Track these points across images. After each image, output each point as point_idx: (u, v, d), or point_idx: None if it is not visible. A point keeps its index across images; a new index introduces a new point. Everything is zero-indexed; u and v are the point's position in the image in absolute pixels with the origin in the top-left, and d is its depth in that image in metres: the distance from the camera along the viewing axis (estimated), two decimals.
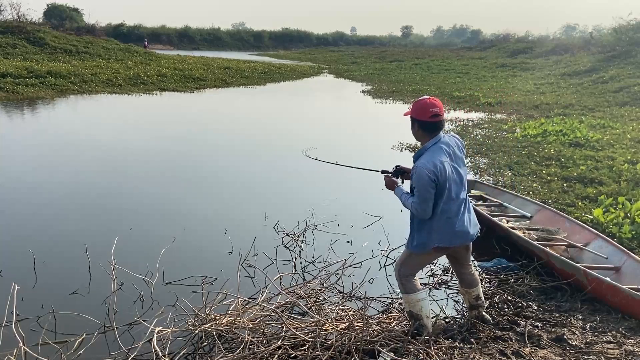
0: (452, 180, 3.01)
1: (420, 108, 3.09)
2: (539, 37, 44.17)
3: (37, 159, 8.39)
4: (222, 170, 8.15)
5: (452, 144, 3.11)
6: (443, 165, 2.97)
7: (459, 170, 3.08)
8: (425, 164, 2.96)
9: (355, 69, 33.73)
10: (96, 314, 3.60)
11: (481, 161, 8.63)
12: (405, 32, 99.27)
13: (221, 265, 4.50)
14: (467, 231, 3.12)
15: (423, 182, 2.94)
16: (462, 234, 3.11)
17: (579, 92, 17.31)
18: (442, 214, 3.02)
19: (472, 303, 3.44)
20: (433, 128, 3.07)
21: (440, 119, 3.05)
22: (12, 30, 24.62)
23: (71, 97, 16.00)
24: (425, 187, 2.94)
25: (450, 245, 3.15)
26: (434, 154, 3.01)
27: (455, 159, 3.08)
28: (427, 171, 2.93)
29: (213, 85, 21.33)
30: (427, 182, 2.93)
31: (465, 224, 3.10)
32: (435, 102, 3.07)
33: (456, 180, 3.05)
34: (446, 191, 2.99)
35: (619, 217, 5.30)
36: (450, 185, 3.00)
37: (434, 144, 3.06)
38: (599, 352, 3.16)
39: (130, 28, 62.45)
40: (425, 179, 2.92)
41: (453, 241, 3.13)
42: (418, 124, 3.12)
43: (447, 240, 3.09)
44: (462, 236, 3.13)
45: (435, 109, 3.04)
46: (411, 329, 3.17)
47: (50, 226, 5.50)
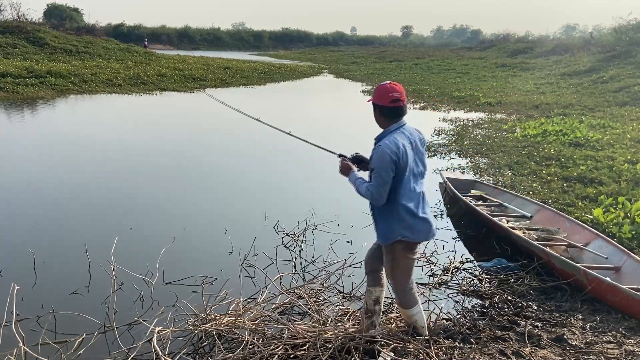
0: (411, 170, 2.93)
1: (380, 93, 2.98)
2: (539, 37, 44.18)
3: (37, 159, 8.39)
4: (222, 170, 8.15)
5: (415, 135, 3.03)
6: (405, 149, 2.88)
7: (419, 163, 3.00)
8: (387, 144, 2.86)
9: (355, 69, 33.72)
10: (96, 314, 3.60)
11: (481, 161, 8.64)
12: (405, 32, 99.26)
13: (221, 265, 4.50)
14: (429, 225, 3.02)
15: (384, 163, 2.83)
16: (424, 230, 3.01)
17: (579, 92, 17.31)
18: (401, 205, 2.92)
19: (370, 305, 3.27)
20: (394, 113, 2.97)
21: (401, 104, 2.96)
22: (12, 30, 24.61)
23: (71, 97, 15.99)
24: (385, 168, 2.83)
25: (414, 239, 3.02)
26: (397, 136, 2.92)
27: (417, 148, 2.99)
28: (389, 151, 2.82)
29: (213, 85, 21.31)
30: (388, 162, 2.82)
31: (426, 217, 3.00)
32: (396, 87, 2.97)
33: (415, 172, 2.96)
34: (405, 178, 2.89)
35: (619, 217, 5.30)
36: (409, 174, 2.91)
37: (397, 129, 2.97)
38: (599, 352, 3.16)
39: (130, 28, 62.45)
40: (387, 158, 2.82)
41: (416, 236, 3.01)
42: (379, 109, 3.00)
43: (409, 232, 2.96)
44: (423, 230, 3.02)
45: (395, 94, 2.94)
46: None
47: (50, 226, 5.50)
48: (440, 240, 5.24)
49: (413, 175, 2.95)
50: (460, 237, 5.45)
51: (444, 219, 6.01)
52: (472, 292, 4.12)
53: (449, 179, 6.74)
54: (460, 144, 10.03)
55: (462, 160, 8.83)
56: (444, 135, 11.05)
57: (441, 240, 5.24)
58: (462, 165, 8.34)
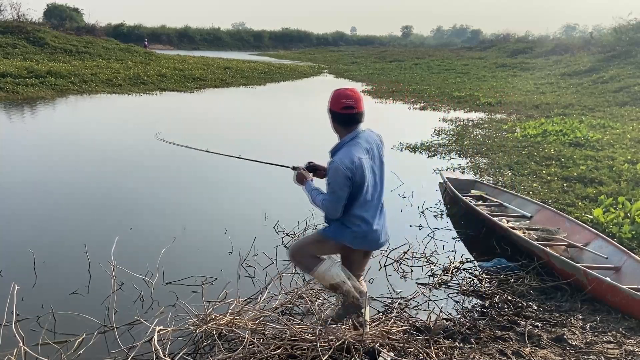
0: (368, 180, 2.82)
1: (333, 98, 2.84)
2: (539, 37, 44.18)
3: (37, 158, 8.39)
4: (222, 170, 8.15)
5: (372, 140, 2.90)
6: (361, 162, 2.75)
7: (376, 170, 2.89)
8: (342, 159, 2.73)
9: (355, 69, 33.72)
10: (96, 314, 3.60)
11: (481, 161, 8.64)
12: (405, 32, 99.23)
13: (221, 265, 4.50)
14: (377, 238, 2.95)
15: (338, 179, 2.72)
16: (374, 240, 2.95)
17: (579, 92, 17.31)
18: (355, 216, 2.83)
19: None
20: (346, 121, 2.83)
21: (354, 112, 2.80)
22: (12, 30, 24.60)
23: (71, 97, 15.99)
24: (340, 185, 2.72)
25: (360, 249, 2.99)
26: (351, 149, 2.78)
27: (374, 156, 2.87)
28: (343, 167, 2.70)
29: (213, 85, 21.32)
30: (342, 178, 2.70)
31: (378, 232, 2.92)
32: (351, 93, 2.82)
33: (372, 180, 2.86)
34: (363, 191, 2.79)
35: (619, 217, 5.30)
36: (367, 186, 2.81)
37: (352, 139, 2.83)
38: (599, 352, 3.16)
39: (130, 28, 62.42)
40: (341, 175, 2.70)
41: (364, 245, 2.98)
42: (331, 115, 2.87)
43: (358, 243, 2.92)
44: (373, 241, 2.96)
45: (348, 100, 2.79)
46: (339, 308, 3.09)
47: (50, 226, 5.50)
48: (440, 240, 5.25)
49: (372, 185, 2.84)
50: (460, 237, 5.45)
51: (444, 219, 6.01)
52: (472, 292, 4.12)
53: (449, 179, 6.74)
54: (460, 144, 10.03)
55: (462, 160, 8.83)
56: (444, 135, 11.05)
57: (441, 240, 5.25)
58: (462, 165, 8.34)
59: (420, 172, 8.13)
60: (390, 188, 7.01)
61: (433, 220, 5.94)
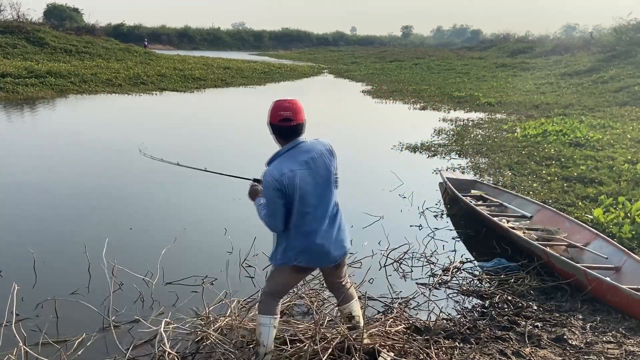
0: (306, 192, 2.67)
1: (272, 109, 2.71)
2: (539, 37, 44.10)
3: (37, 158, 8.38)
4: (222, 169, 8.14)
5: (314, 151, 2.74)
6: (293, 173, 2.62)
7: (319, 180, 2.73)
8: (270, 171, 2.64)
9: (355, 69, 33.72)
10: (96, 314, 3.60)
11: (481, 161, 8.64)
12: (405, 32, 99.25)
13: (221, 265, 4.50)
14: (327, 250, 2.78)
15: (268, 192, 2.65)
16: (321, 254, 2.79)
17: (579, 92, 17.31)
18: (296, 229, 2.72)
19: (346, 323, 3.09)
20: (283, 133, 2.71)
21: (292, 124, 2.66)
22: (12, 30, 24.60)
23: (71, 97, 16.00)
24: (271, 198, 2.65)
25: (309, 266, 2.87)
26: (283, 161, 2.67)
27: (316, 167, 2.71)
28: (271, 179, 2.61)
29: (213, 85, 21.32)
30: (272, 191, 2.63)
31: (324, 242, 2.76)
32: (289, 105, 2.68)
33: (314, 192, 2.71)
34: (297, 203, 2.66)
35: (619, 217, 5.30)
36: (304, 197, 2.67)
37: (288, 150, 2.71)
38: (599, 352, 3.16)
39: (130, 28, 62.45)
40: (270, 188, 2.62)
41: (312, 262, 2.83)
42: (270, 127, 2.74)
43: (305, 259, 2.78)
44: (322, 257, 2.82)
45: (286, 113, 2.65)
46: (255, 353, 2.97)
47: (50, 226, 5.50)
48: (440, 240, 5.25)
49: (314, 197, 2.71)
50: (460, 237, 5.45)
51: (444, 219, 6.01)
52: (472, 292, 4.12)
53: (449, 179, 6.74)
54: (460, 144, 10.04)
55: (462, 160, 8.83)
56: (444, 135, 11.05)
57: (441, 240, 5.25)
58: (462, 165, 8.34)
59: (420, 172, 8.13)
60: (390, 188, 7.03)
61: (433, 220, 5.94)
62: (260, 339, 2.90)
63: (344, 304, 3.09)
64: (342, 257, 2.89)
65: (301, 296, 3.84)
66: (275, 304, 2.93)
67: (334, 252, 2.82)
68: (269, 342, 2.90)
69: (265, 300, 2.93)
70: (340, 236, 2.87)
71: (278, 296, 2.96)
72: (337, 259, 2.87)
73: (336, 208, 2.86)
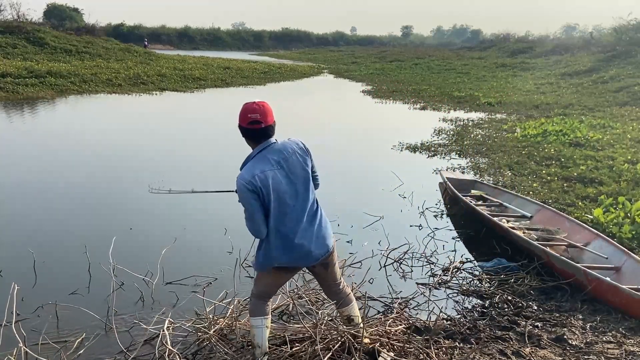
0: (280, 192, 2.67)
1: (241, 112, 2.70)
2: (539, 37, 44.12)
3: (36, 158, 8.39)
4: (222, 170, 8.15)
5: (286, 151, 2.73)
6: (264, 174, 2.62)
7: (293, 179, 2.72)
8: (243, 175, 2.64)
9: (355, 69, 33.72)
10: (96, 314, 3.59)
11: (481, 161, 8.64)
12: (405, 32, 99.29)
13: (221, 265, 4.50)
14: (307, 250, 2.76)
15: (243, 196, 2.64)
16: (302, 254, 2.77)
17: (579, 92, 17.31)
18: (274, 230, 2.71)
19: (345, 325, 3.09)
20: (253, 135, 2.71)
21: (259, 127, 2.66)
22: (12, 30, 24.60)
23: (71, 97, 16.00)
24: (247, 201, 2.64)
25: (291, 265, 2.85)
26: (255, 164, 2.67)
27: (289, 166, 2.71)
28: (244, 182, 2.60)
29: (213, 85, 21.33)
30: (245, 194, 2.62)
31: (304, 242, 2.75)
32: (258, 107, 2.67)
33: (288, 191, 2.71)
34: (273, 204, 2.66)
35: (619, 217, 5.30)
36: (279, 197, 2.67)
37: (259, 152, 2.71)
38: (599, 352, 3.16)
39: (130, 28, 62.50)
40: (243, 190, 2.61)
41: (293, 262, 2.82)
42: (240, 129, 2.73)
43: (285, 259, 2.77)
44: (303, 257, 2.79)
45: (254, 115, 2.65)
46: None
47: (51, 226, 5.50)
48: (440, 240, 5.25)
49: (287, 196, 2.71)
50: (460, 237, 5.45)
51: (444, 219, 6.01)
52: (472, 292, 4.12)
53: (449, 179, 6.74)
54: (460, 144, 10.04)
55: (462, 160, 8.83)
56: (444, 135, 11.05)
57: (441, 240, 5.25)
58: (462, 165, 8.34)
59: (420, 172, 8.13)
60: (390, 188, 7.03)
61: (433, 220, 5.94)
62: (255, 341, 2.92)
63: (343, 307, 3.08)
64: (325, 255, 2.85)
65: (301, 296, 3.84)
66: (264, 304, 2.95)
67: (315, 250, 2.79)
68: (264, 342, 2.92)
69: (254, 302, 2.95)
70: (322, 233, 2.83)
71: (266, 297, 2.97)
72: (319, 257, 2.83)
73: (315, 205, 2.85)
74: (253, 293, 2.97)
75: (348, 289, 3.12)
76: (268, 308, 2.96)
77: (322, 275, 3.00)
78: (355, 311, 3.11)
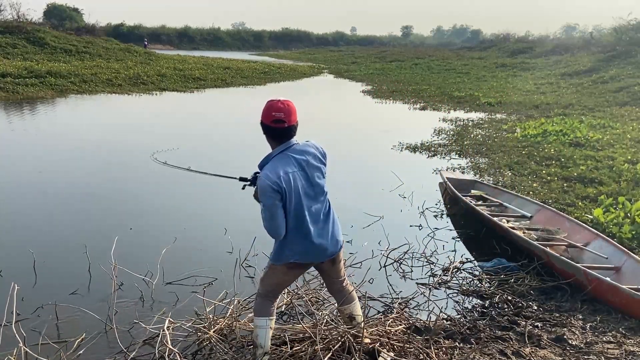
0: (302, 194, 2.70)
1: (265, 109, 2.69)
2: (539, 37, 44.14)
3: (36, 158, 8.38)
4: (222, 169, 8.14)
5: (307, 152, 2.76)
6: (288, 176, 2.63)
7: (313, 182, 2.75)
8: (267, 175, 2.62)
9: (355, 69, 33.72)
10: (96, 314, 3.59)
11: (481, 161, 8.64)
12: (405, 32, 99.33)
13: (221, 265, 4.50)
14: (324, 248, 2.82)
15: (266, 196, 2.62)
16: (318, 251, 2.82)
17: (579, 92, 17.31)
18: (294, 229, 2.74)
19: (347, 323, 3.10)
20: (276, 134, 2.70)
21: (283, 125, 2.65)
22: (12, 30, 24.61)
23: (71, 97, 16.00)
24: (270, 202, 2.63)
25: (306, 262, 2.89)
26: (278, 163, 2.67)
27: (310, 168, 2.73)
28: (270, 182, 2.59)
29: (213, 85, 21.34)
30: (270, 194, 2.61)
31: (322, 241, 2.80)
32: (282, 106, 2.65)
33: (308, 193, 2.74)
34: (293, 204, 2.68)
35: (619, 217, 5.30)
36: (300, 198, 2.69)
37: (281, 152, 2.71)
38: (599, 352, 3.16)
39: (130, 28, 62.53)
40: (268, 190, 2.60)
41: (308, 258, 2.86)
42: (262, 127, 2.73)
43: (301, 256, 2.82)
44: (319, 253, 2.84)
45: (279, 114, 2.64)
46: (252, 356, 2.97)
47: (51, 226, 5.49)
48: (440, 240, 5.25)
49: (307, 198, 2.73)
50: (460, 237, 5.45)
51: (444, 219, 6.01)
52: (472, 292, 4.12)
53: (449, 179, 6.74)
54: (460, 144, 10.04)
55: (462, 160, 8.83)
56: (444, 135, 11.06)
57: (441, 240, 5.25)
58: (462, 165, 8.34)
59: (420, 172, 8.13)
60: (390, 188, 7.03)
61: (433, 220, 5.94)
62: (258, 341, 2.91)
63: (345, 305, 3.09)
64: (337, 251, 2.91)
65: (301, 296, 3.84)
66: (270, 305, 2.95)
67: (330, 248, 2.85)
68: (266, 342, 2.92)
69: (260, 302, 2.94)
70: (335, 231, 2.88)
71: (273, 296, 2.98)
72: (334, 254, 2.89)
73: (328, 204, 2.88)
74: (259, 293, 2.97)
75: (351, 287, 3.14)
76: (273, 309, 2.96)
77: (327, 272, 3.02)
78: (358, 310, 3.12)
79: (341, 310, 3.13)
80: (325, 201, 2.85)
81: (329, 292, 3.23)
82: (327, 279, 3.11)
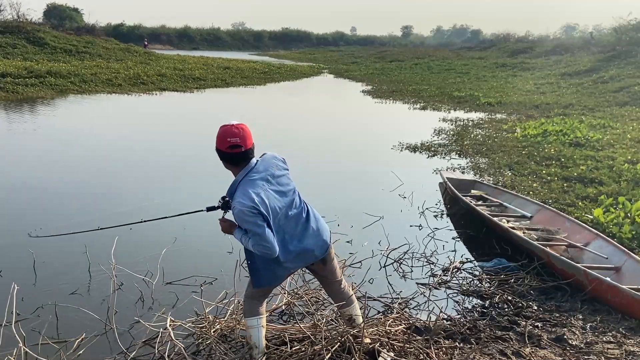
0: (279, 207, 2.69)
1: (219, 136, 2.64)
2: (539, 37, 44.16)
3: (36, 157, 8.38)
4: (222, 170, 8.14)
5: (269, 164, 2.75)
6: (261, 197, 2.60)
7: (284, 189, 2.75)
8: (241, 202, 2.57)
9: (355, 69, 33.72)
10: (96, 314, 3.59)
11: (481, 161, 8.64)
12: (405, 32, 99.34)
13: (221, 265, 4.50)
14: (310, 249, 2.82)
15: (249, 221, 2.59)
16: (308, 254, 2.83)
17: (579, 92, 17.31)
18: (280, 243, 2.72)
19: (347, 325, 3.08)
20: (234, 160, 2.67)
21: (240, 150, 2.62)
22: (12, 30, 24.58)
23: (71, 97, 15.99)
24: (255, 225, 2.58)
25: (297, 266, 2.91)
26: (247, 187, 2.62)
27: (275, 179, 2.73)
28: (246, 209, 2.56)
29: (213, 85, 21.33)
30: (251, 218, 2.57)
31: (310, 245, 2.81)
32: (237, 131, 2.61)
33: (285, 205, 2.73)
34: (274, 220, 2.67)
35: (619, 217, 5.30)
36: (278, 212, 2.69)
37: (245, 175, 2.68)
38: (599, 352, 3.16)
39: (130, 28, 62.52)
40: (249, 215, 2.57)
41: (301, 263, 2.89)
42: (218, 153, 2.69)
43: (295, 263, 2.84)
44: (308, 257, 2.85)
45: (234, 139, 2.60)
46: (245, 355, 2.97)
47: (50, 226, 5.48)
48: (440, 240, 5.25)
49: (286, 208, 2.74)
50: (460, 237, 5.45)
51: (444, 219, 6.01)
52: (472, 292, 4.12)
53: (449, 179, 6.74)
54: (460, 144, 10.04)
55: (462, 160, 8.83)
56: (444, 135, 11.05)
57: (441, 240, 5.25)
58: (462, 165, 8.34)
59: (420, 172, 8.13)
60: (390, 188, 7.03)
61: (433, 220, 5.94)
62: (252, 341, 2.91)
63: (344, 307, 3.09)
64: (325, 251, 2.90)
65: (301, 296, 3.83)
66: (258, 304, 2.93)
67: (317, 249, 2.86)
68: (261, 342, 2.92)
69: (248, 303, 2.93)
70: (320, 231, 2.88)
71: (262, 297, 2.97)
72: (322, 254, 2.89)
73: (307, 207, 2.88)
74: (247, 294, 2.96)
75: (350, 289, 3.14)
76: (263, 308, 2.95)
77: (321, 272, 3.02)
78: (357, 311, 3.13)
79: (341, 312, 3.13)
80: (301, 204, 2.84)
81: (328, 294, 3.23)
82: (322, 281, 3.11)
